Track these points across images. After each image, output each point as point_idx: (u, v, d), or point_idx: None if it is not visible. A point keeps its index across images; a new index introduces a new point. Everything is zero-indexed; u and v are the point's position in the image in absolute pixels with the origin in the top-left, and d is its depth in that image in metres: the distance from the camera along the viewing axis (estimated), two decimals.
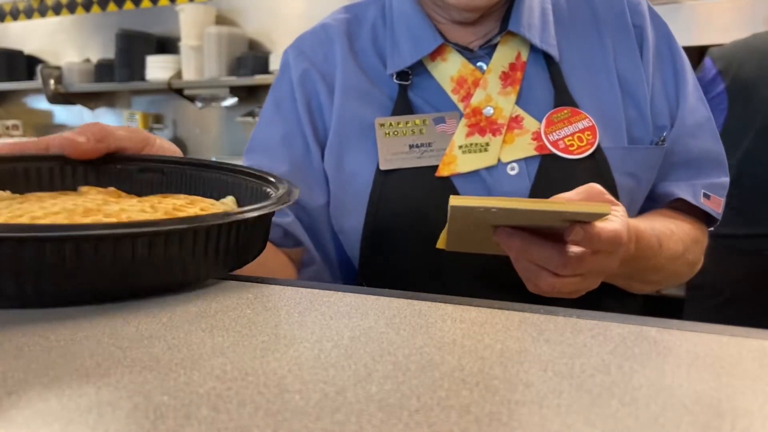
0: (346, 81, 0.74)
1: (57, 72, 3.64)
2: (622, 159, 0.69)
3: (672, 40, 0.74)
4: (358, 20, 0.78)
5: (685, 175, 0.73)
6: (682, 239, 0.68)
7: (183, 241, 0.42)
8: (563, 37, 0.73)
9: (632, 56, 0.72)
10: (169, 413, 0.26)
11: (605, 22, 0.73)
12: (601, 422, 0.25)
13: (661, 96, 0.72)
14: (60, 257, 0.38)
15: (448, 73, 0.72)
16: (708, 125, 0.74)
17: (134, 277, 0.41)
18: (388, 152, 0.70)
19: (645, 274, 0.67)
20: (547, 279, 0.53)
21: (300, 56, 0.77)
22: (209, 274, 0.46)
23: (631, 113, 0.71)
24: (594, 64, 0.72)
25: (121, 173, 0.58)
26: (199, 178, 0.59)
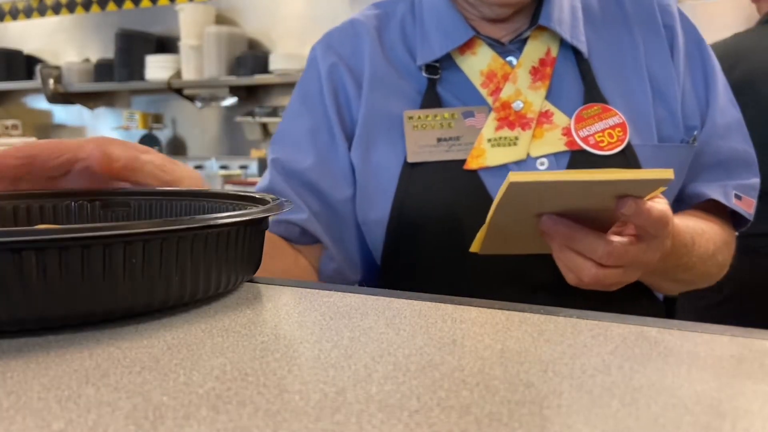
0: (374, 74, 0.74)
1: (56, 72, 3.64)
2: (652, 157, 0.69)
3: (702, 41, 0.74)
4: (387, 16, 0.79)
5: (716, 176, 0.73)
6: (713, 239, 0.68)
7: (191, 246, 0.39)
8: (593, 34, 0.73)
9: (663, 55, 0.72)
10: (169, 413, 0.26)
11: (636, 21, 0.73)
12: (602, 423, 0.25)
13: (691, 96, 0.72)
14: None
15: (477, 67, 0.72)
16: (738, 126, 0.74)
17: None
18: (416, 145, 0.70)
19: (677, 272, 0.66)
20: (590, 270, 0.52)
21: (328, 51, 0.77)
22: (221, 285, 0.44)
23: (661, 112, 0.71)
24: (624, 61, 0.72)
25: (81, 209, 0.53)
26: (171, 207, 0.55)
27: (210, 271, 0.41)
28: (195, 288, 0.40)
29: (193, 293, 0.41)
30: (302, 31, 3.17)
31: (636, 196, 0.48)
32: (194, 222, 0.39)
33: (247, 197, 0.52)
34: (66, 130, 4.00)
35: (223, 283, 0.43)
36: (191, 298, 0.41)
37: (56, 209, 0.53)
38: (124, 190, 0.56)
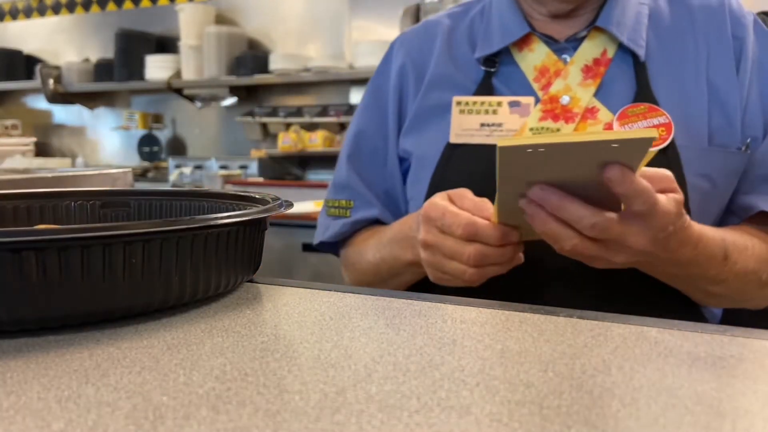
0: (435, 72, 0.79)
1: (56, 71, 3.63)
2: (698, 159, 0.68)
3: None
4: (463, 14, 0.83)
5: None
6: (756, 256, 0.66)
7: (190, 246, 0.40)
8: (657, 38, 0.74)
9: (727, 65, 0.72)
10: (169, 414, 0.26)
11: (703, 30, 0.74)
12: (602, 423, 0.25)
13: (757, 107, 0.72)
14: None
15: (532, 62, 0.75)
16: None
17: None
18: (460, 128, 0.74)
19: (704, 283, 0.65)
20: (572, 239, 0.53)
21: (401, 49, 0.83)
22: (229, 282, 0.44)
23: (719, 120, 0.70)
24: (684, 67, 0.72)
25: (81, 209, 0.54)
26: (171, 207, 0.55)
27: (210, 271, 0.41)
28: (195, 288, 0.40)
29: (193, 293, 0.41)
30: (302, 31, 3.17)
31: (627, 164, 0.48)
32: (194, 222, 0.39)
33: (247, 197, 0.52)
34: (66, 130, 4.00)
35: (222, 283, 0.43)
36: (191, 298, 0.41)
37: (56, 209, 0.53)
38: (123, 189, 0.56)
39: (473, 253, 0.57)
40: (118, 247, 0.36)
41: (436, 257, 0.60)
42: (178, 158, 3.26)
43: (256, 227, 0.45)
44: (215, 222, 0.39)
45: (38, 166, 2.65)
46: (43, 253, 0.34)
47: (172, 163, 3.19)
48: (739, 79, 0.71)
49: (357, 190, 0.81)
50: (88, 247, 0.35)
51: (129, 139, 3.71)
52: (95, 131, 3.91)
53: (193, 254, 0.39)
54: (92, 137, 3.93)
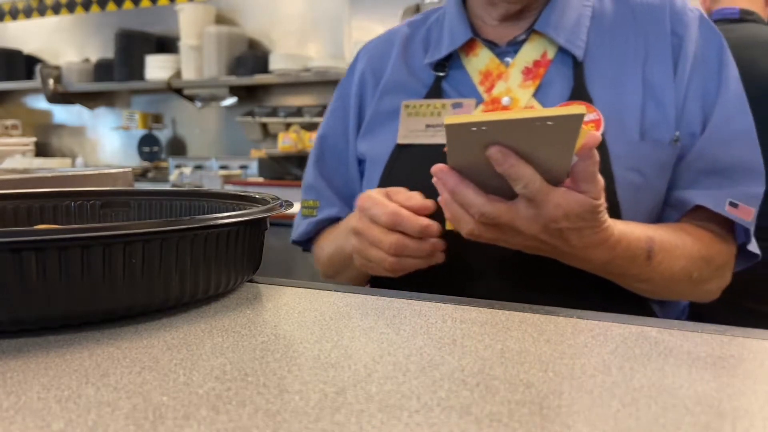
0: (390, 78, 0.83)
1: (56, 71, 3.64)
2: (628, 153, 0.70)
3: (723, 51, 0.76)
4: (421, 22, 0.87)
5: (714, 184, 0.72)
6: (686, 255, 0.67)
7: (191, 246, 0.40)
8: (598, 39, 0.76)
9: (663, 61, 0.74)
10: (169, 414, 0.26)
11: (643, 28, 0.76)
12: (602, 423, 0.25)
13: (696, 103, 0.73)
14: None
15: (477, 66, 0.78)
16: (746, 136, 0.74)
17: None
18: (407, 129, 0.78)
19: (628, 280, 0.66)
20: (468, 224, 0.56)
21: (364, 57, 0.88)
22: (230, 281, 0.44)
23: (654, 116, 0.72)
24: (622, 65, 0.74)
25: (81, 209, 0.54)
26: (171, 207, 0.55)
27: (210, 271, 0.41)
28: (195, 288, 0.40)
29: (193, 293, 0.41)
30: (302, 31, 3.17)
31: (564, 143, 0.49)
32: (194, 222, 0.39)
33: (247, 197, 0.52)
34: (66, 130, 4.00)
35: (223, 283, 0.43)
36: (191, 298, 0.41)
37: (56, 209, 0.53)
38: (124, 189, 0.56)
39: (393, 242, 0.60)
40: (118, 247, 0.36)
41: (362, 244, 0.64)
42: (178, 158, 3.27)
43: (256, 227, 0.45)
44: (215, 222, 0.39)
45: (38, 166, 2.65)
46: (43, 253, 0.34)
47: (172, 163, 3.20)
48: (677, 75, 0.73)
49: (321, 191, 0.86)
50: (88, 247, 0.35)
51: (129, 139, 3.71)
52: (95, 131, 3.91)
53: (193, 254, 0.39)
54: (92, 137, 3.93)
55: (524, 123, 0.47)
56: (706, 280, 0.71)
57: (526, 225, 0.55)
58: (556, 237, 0.56)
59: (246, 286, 0.49)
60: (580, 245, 0.57)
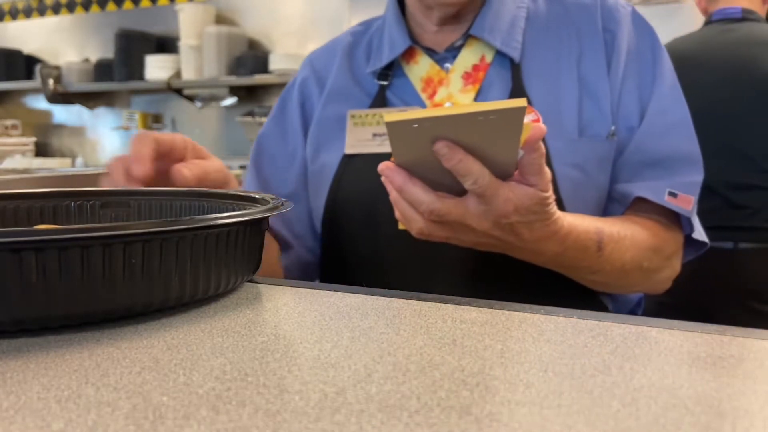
0: (334, 86, 0.84)
1: (56, 71, 3.64)
2: (567, 150, 0.71)
3: (656, 44, 0.77)
4: (364, 32, 0.88)
5: (653, 175, 0.73)
6: (635, 245, 0.67)
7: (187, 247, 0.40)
8: (534, 39, 0.77)
9: (597, 58, 0.75)
10: (169, 414, 0.26)
11: (576, 27, 0.77)
12: (602, 423, 0.25)
13: (632, 97, 0.74)
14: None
15: (418, 74, 0.79)
16: (682, 126, 0.75)
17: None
18: (354, 139, 0.78)
19: (580, 272, 0.67)
20: (418, 223, 0.55)
21: (306, 66, 0.89)
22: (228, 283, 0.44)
23: (591, 112, 0.73)
24: (558, 64, 0.75)
25: (81, 209, 0.54)
26: (171, 207, 0.56)
27: (210, 271, 0.41)
28: (195, 288, 0.40)
29: (193, 293, 0.41)
30: (302, 31, 3.17)
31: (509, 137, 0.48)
32: (194, 222, 0.39)
33: (247, 197, 0.52)
34: (66, 129, 4.00)
35: (222, 284, 0.43)
36: (191, 298, 0.41)
37: (56, 209, 0.53)
38: (124, 189, 0.55)
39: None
40: (118, 247, 0.36)
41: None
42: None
43: (256, 227, 0.45)
44: (215, 222, 0.39)
45: (38, 166, 2.65)
46: (43, 254, 0.34)
47: None
48: (611, 70, 0.74)
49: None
50: (88, 248, 0.35)
51: (129, 139, 3.70)
52: (95, 131, 3.91)
53: (192, 254, 0.39)
54: (92, 137, 3.93)
55: (466, 118, 0.46)
56: (656, 270, 0.72)
57: (476, 221, 0.54)
58: (508, 232, 0.55)
59: (246, 286, 0.49)
60: (531, 239, 0.57)
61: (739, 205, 1.59)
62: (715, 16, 1.69)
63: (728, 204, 1.60)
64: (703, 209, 1.86)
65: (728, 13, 1.67)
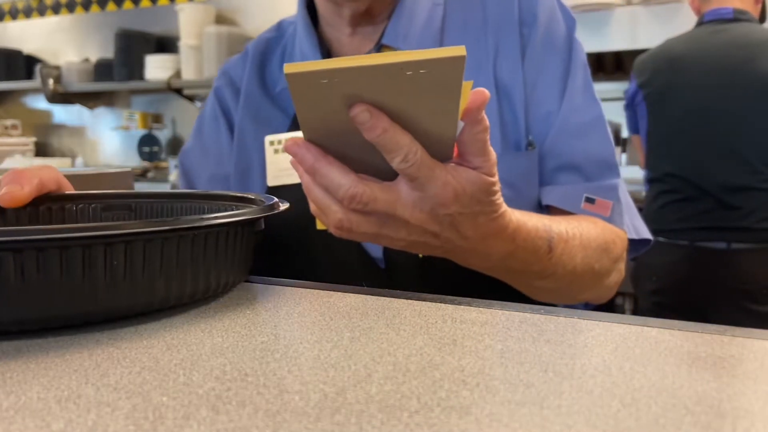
0: (246, 101, 0.76)
1: (56, 71, 3.63)
2: None
3: (571, 35, 0.70)
4: (277, 39, 0.80)
5: (569, 179, 0.67)
6: (584, 245, 0.60)
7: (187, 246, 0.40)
8: (452, 40, 0.70)
9: (513, 58, 0.68)
10: (169, 414, 0.26)
11: (493, 24, 0.70)
12: (602, 423, 0.25)
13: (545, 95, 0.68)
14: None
15: None
16: (596, 125, 0.69)
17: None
18: (276, 169, 0.70)
19: (529, 278, 0.59)
20: (336, 214, 0.45)
21: (221, 75, 0.82)
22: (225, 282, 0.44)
23: (507, 117, 0.67)
24: (476, 68, 0.68)
25: (82, 212, 0.54)
26: (172, 210, 0.55)
27: (209, 271, 0.41)
28: (194, 288, 0.40)
29: (192, 293, 0.40)
30: None
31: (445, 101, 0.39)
32: (191, 222, 0.38)
33: (246, 199, 0.52)
34: (66, 130, 4.00)
35: (222, 284, 0.43)
36: (190, 298, 0.41)
37: (58, 212, 0.53)
38: (125, 192, 0.56)
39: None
40: (98, 249, 0.35)
41: None
42: (177, 158, 3.26)
43: (247, 228, 0.45)
44: (212, 222, 0.39)
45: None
46: (43, 253, 0.34)
47: (172, 163, 3.20)
48: (524, 68, 0.68)
49: None
50: (89, 247, 0.35)
51: (129, 139, 3.71)
52: (95, 131, 3.91)
53: (193, 254, 0.39)
54: (92, 137, 3.93)
55: (390, 70, 0.36)
56: (606, 273, 0.65)
57: (409, 211, 0.44)
58: (447, 227, 0.46)
59: (245, 286, 0.49)
60: (475, 236, 0.47)
61: (733, 206, 1.60)
62: (707, 17, 1.70)
63: (721, 205, 1.61)
64: (697, 210, 1.87)
65: (720, 13, 1.67)
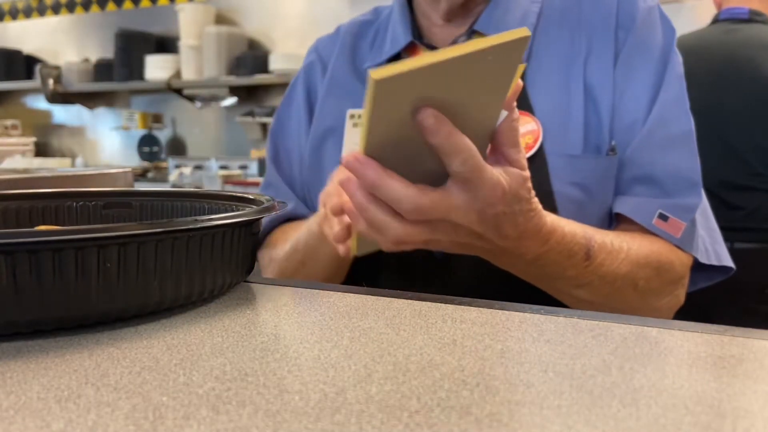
0: (334, 77, 0.79)
1: (56, 71, 3.63)
2: (568, 167, 0.65)
3: (671, 46, 0.69)
4: (371, 22, 0.83)
5: (646, 191, 0.66)
6: (630, 259, 0.59)
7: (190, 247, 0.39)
8: (544, 39, 0.70)
9: (605, 62, 0.68)
10: (169, 414, 0.26)
11: (587, 25, 0.69)
12: (602, 423, 0.25)
13: (638, 102, 0.67)
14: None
15: None
16: (684, 140, 0.67)
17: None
18: (353, 142, 0.70)
19: (564, 285, 0.58)
20: (396, 229, 0.44)
21: (312, 51, 0.85)
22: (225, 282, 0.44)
23: (591, 119, 0.67)
24: (567, 70, 0.67)
25: (83, 210, 0.54)
26: (172, 208, 0.55)
27: (205, 271, 0.41)
28: (176, 293, 0.40)
29: (188, 294, 0.40)
30: (302, 31, 3.16)
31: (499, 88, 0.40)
32: (172, 225, 0.38)
33: (247, 199, 0.52)
34: (66, 130, 4.00)
35: (219, 284, 0.43)
36: (186, 299, 0.41)
37: (58, 210, 0.53)
38: (125, 190, 0.56)
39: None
40: (91, 251, 0.35)
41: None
42: (178, 158, 3.27)
43: (245, 229, 0.45)
44: (210, 224, 0.39)
45: (38, 166, 2.65)
46: (36, 255, 0.34)
47: (171, 163, 3.19)
48: (616, 69, 0.67)
49: (278, 188, 0.81)
50: (82, 249, 0.35)
51: (129, 139, 3.70)
52: (95, 131, 3.91)
53: (188, 255, 0.39)
54: (92, 137, 3.93)
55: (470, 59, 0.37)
56: (654, 293, 0.63)
57: (462, 215, 0.44)
58: (491, 227, 0.46)
59: (245, 286, 0.49)
60: (514, 235, 0.48)
61: (735, 206, 1.60)
62: (722, 15, 1.69)
63: (724, 204, 1.61)
64: None
65: (735, 13, 1.66)
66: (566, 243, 0.54)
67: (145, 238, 0.37)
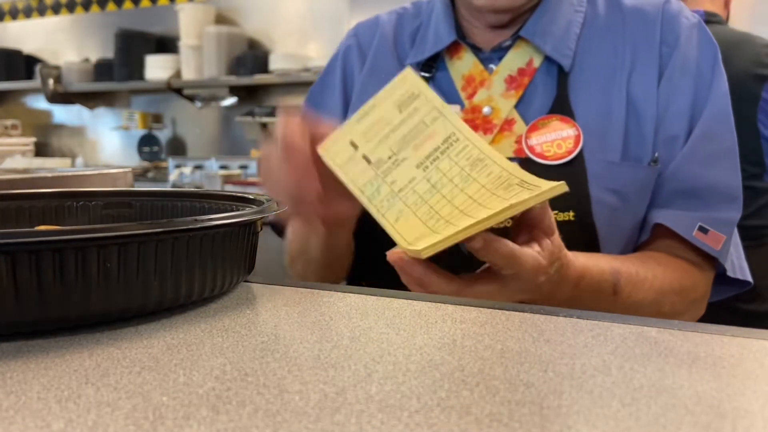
0: (374, 63, 0.80)
1: (56, 71, 3.63)
2: (607, 174, 0.66)
3: (716, 62, 0.71)
4: (411, 15, 0.84)
5: (686, 205, 0.67)
6: (655, 288, 0.62)
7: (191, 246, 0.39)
8: (587, 48, 0.72)
9: (649, 74, 0.70)
10: (169, 414, 0.26)
11: (631, 36, 0.71)
12: (602, 423, 0.25)
13: (682, 118, 0.69)
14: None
15: (460, 70, 0.75)
16: (726, 156, 0.69)
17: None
18: None
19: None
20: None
21: (352, 35, 0.85)
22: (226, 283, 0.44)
23: (632, 129, 0.68)
24: (609, 79, 0.70)
25: (83, 210, 0.54)
26: (172, 208, 0.56)
27: (192, 275, 0.40)
28: (176, 293, 0.40)
29: (174, 298, 0.40)
30: (302, 31, 3.17)
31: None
32: (171, 225, 0.38)
33: (247, 199, 0.52)
34: (66, 130, 4.00)
35: (218, 284, 0.43)
36: (186, 299, 0.41)
37: (58, 210, 0.53)
38: (126, 190, 0.56)
39: None
40: (91, 251, 0.35)
41: None
42: (178, 158, 3.27)
43: (246, 228, 0.45)
44: (209, 224, 0.39)
45: (38, 166, 2.65)
46: (37, 255, 0.34)
47: (172, 163, 3.19)
48: (661, 85, 0.69)
49: None
50: (82, 249, 0.35)
51: (129, 139, 3.71)
52: (95, 131, 3.91)
53: (189, 255, 0.39)
54: (92, 137, 3.93)
55: (503, 215, 0.44)
56: (678, 314, 0.66)
57: (507, 295, 0.50)
58: (532, 292, 0.51)
59: (245, 286, 0.49)
60: (547, 289, 0.52)
61: None
62: None
63: None
64: None
65: None
66: (595, 282, 0.58)
67: (145, 238, 0.37)
